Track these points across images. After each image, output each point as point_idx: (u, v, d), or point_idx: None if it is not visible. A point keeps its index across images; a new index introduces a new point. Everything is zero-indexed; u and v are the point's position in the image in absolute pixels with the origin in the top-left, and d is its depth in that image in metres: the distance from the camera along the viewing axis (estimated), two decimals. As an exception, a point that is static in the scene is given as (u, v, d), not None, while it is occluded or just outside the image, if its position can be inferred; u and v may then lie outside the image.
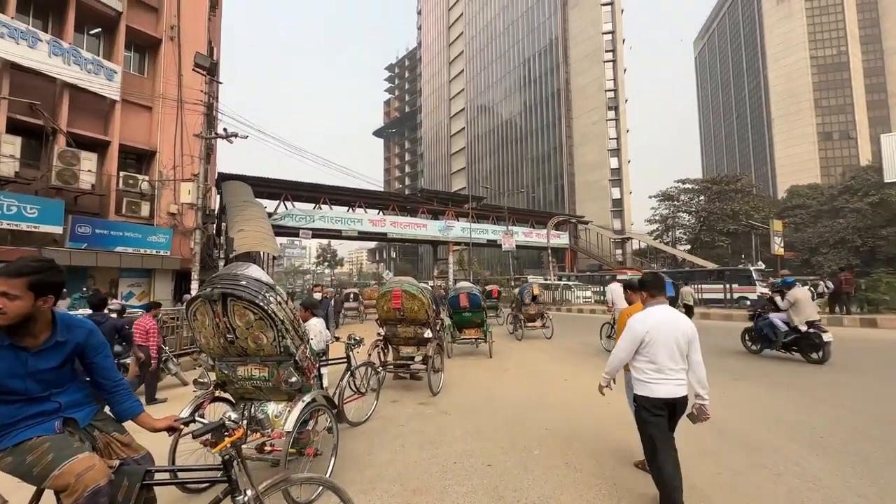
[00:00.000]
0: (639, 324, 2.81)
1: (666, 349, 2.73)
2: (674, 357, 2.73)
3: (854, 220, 32.04)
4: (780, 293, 8.59)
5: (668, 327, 2.75)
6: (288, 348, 3.07)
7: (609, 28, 48.57)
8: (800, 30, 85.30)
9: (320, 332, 4.53)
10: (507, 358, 9.13)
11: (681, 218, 42.20)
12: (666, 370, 2.73)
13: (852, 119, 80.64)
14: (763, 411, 5.00)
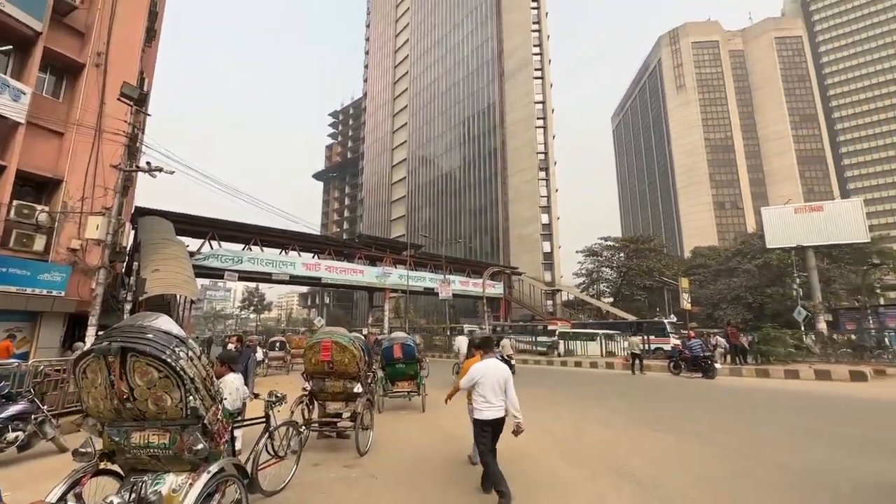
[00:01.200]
0: (475, 370, 4.28)
1: (490, 387, 4.16)
2: (496, 392, 4.15)
3: (745, 280, 36.47)
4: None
5: (492, 372, 4.22)
6: (196, 410, 2.74)
7: (540, 98, 53.63)
8: (695, 115, 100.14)
9: (237, 390, 4.14)
10: (442, 412, 8.90)
11: (604, 272, 45.43)
12: (491, 400, 4.14)
13: (739, 192, 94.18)
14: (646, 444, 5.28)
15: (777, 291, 33.12)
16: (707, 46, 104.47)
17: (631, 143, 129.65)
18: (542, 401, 9.99)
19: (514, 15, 58.02)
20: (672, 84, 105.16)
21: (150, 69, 19.21)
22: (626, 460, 5.35)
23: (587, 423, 7.67)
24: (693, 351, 14.74)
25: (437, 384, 12.84)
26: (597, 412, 8.72)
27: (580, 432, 7.02)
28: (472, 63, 64.13)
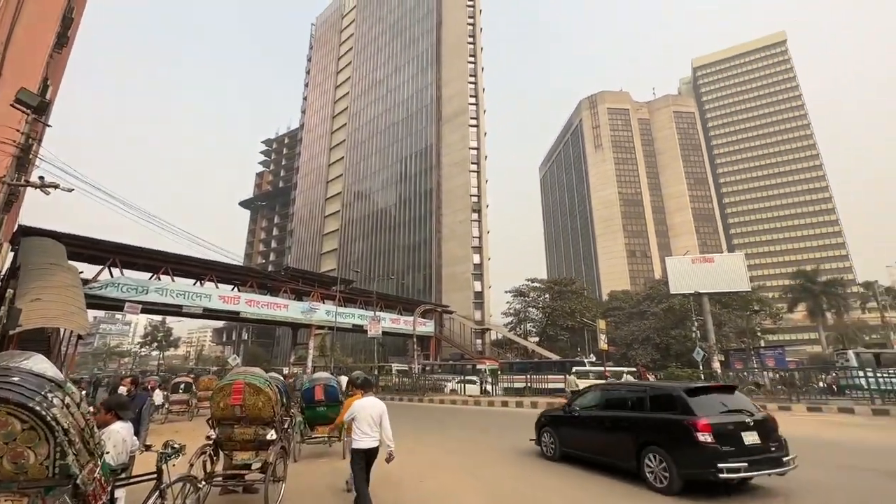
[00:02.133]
0: (355, 406, 5.09)
1: (366, 421, 4.92)
2: (371, 425, 4.92)
3: (654, 322, 39.90)
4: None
5: (369, 408, 5.02)
6: (67, 468, 2.34)
7: (474, 145, 56.61)
8: (610, 171, 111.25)
9: (123, 441, 3.61)
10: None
11: (531, 312, 47.24)
12: (366, 432, 4.90)
13: (648, 242, 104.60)
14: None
15: (680, 333, 36.51)
16: (619, 113, 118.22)
17: (556, 192, 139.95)
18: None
19: (453, 66, 61.72)
20: (591, 143, 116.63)
21: (58, 77, 17.48)
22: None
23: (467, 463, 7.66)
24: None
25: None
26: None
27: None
28: (412, 105, 66.45)
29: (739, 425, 5.64)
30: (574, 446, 7.46)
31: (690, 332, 32.72)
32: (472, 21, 62.32)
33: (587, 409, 7.44)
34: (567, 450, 7.57)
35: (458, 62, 61.10)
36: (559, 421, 7.92)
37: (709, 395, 6.18)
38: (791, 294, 52.13)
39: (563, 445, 7.66)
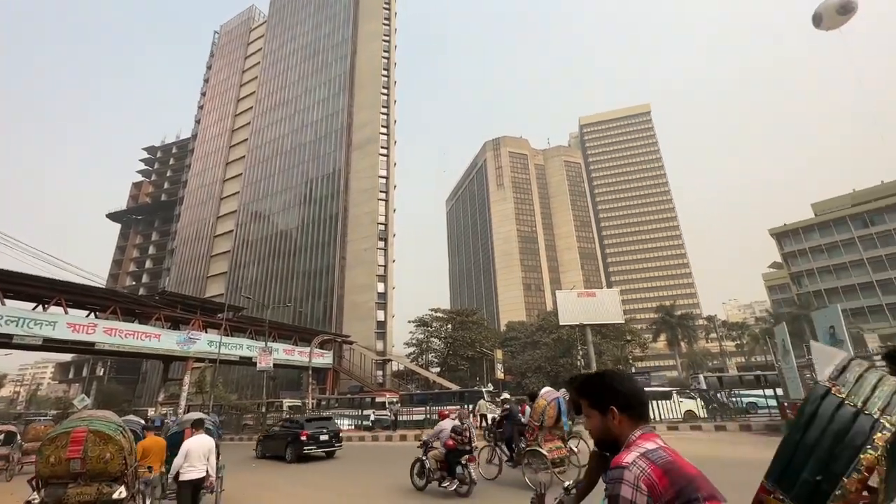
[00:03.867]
0: (187, 444, 5.81)
1: (197, 455, 5.72)
2: (199, 458, 5.73)
3: (545, 352, 42.79)
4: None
5: (199, 444, 5.83)
6: None
7: (384, 174, 56.93)
8: (510, 210, 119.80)
9: None
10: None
11: (433, 343, 47.54)
12: (195, 465, 5.66)
13: (541, 277, 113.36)
14: None
15: (567, 361, 39.58)
16: (519, 157, 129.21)
17: (461, 225, 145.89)
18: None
19: (366, 94, 62.22)
20: (494, 182, 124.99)
21: None
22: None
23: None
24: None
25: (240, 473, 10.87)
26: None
27: None
28: (322, 128, 65.00)
29: (319, 432, 14.00)
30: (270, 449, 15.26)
31: (576, 361, 35.70)
32: (387, 55, 63.99)
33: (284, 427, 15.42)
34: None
35: (371, 92, 61.82)
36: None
37: (312, 422, 14.66)
38: (655, 325, 60.11)
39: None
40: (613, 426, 1.46)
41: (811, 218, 62.75)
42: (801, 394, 14.54)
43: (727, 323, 64.19)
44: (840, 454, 1.63)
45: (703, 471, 1.31)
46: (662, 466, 1.26)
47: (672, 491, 1.21)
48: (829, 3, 13.45)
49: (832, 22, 13.56)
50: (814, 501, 1.64)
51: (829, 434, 1.68)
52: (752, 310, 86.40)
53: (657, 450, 1.32)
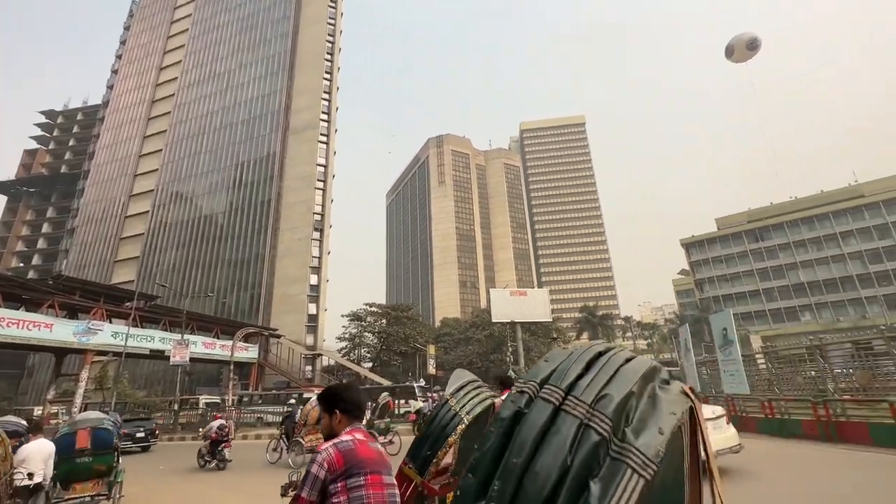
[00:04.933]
0: (27, 448, 5.63)
1: (35, 461, 5.48)
2: (38, 463, 5.50)
3: (477, 347, 43.99)
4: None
5: (38, 449, 5.62)
6: None
7: (322, 162, 54.85)
8: (450, 207, 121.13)
9: None
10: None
11: (366, 337, 46.87)
12: (34, 471, 5.42)
13: (477, 275, 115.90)
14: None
15: (497, 357, 41.02)
16: (461, 156, 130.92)
17: (401, 220, 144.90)
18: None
19: (308, 77, 59.45)
20: (436, 179, 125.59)
21: None
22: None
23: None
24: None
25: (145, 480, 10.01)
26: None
27: None
28: (257, 108, 61.13)
29: (136, 430, 16.90)
30: None
31: (506, 357, 37.07)
32: (332, 39, 61.63)
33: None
34: None
35: (313, 75, 59.20)
36: None
37: (129, 422, 16.78)
38: (579, 324, 64.11)
39: None
40: (335, 424, 1.97)
41: (714, 231, 70.39)
42: (697, 387, 16.35)
43: (641, 323, 70.14)
44: (441, 438, 2.84)
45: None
46: (343, 451, 1.79)
47: (343, 467, 1.75)
48: (740, 38, 15.16)
49: (741, 55, 15.31)
50: (424, 467, 2.82)
51: (439, 427, 2.87)
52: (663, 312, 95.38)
53: (347, 441, 1.84)
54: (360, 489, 1.74)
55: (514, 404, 1.23)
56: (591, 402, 1.11)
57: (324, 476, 1.74)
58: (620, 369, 1.20)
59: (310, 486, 1.73)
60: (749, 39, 15.18)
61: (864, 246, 57.32)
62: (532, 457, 1.08)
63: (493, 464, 1.15)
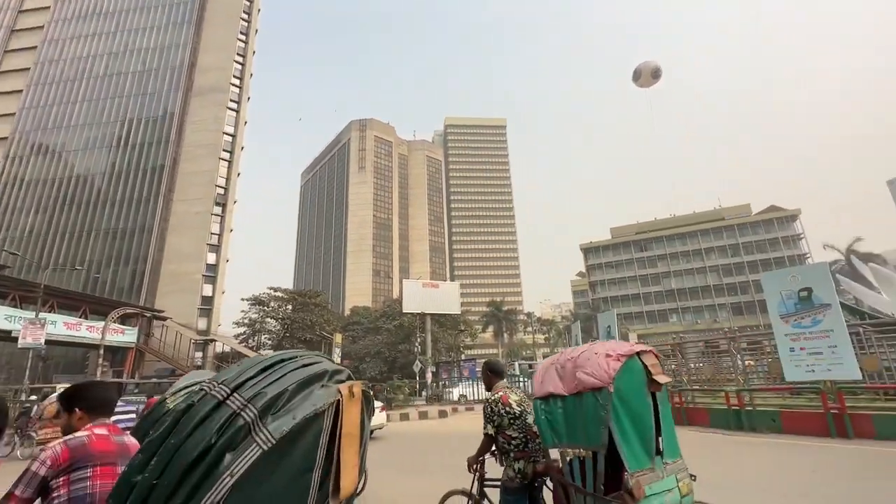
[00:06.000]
0: None
1: None
2: None
3: (386, 338, 43.90)
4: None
5: None
6: None
7: (231, 131, 50.06)
8: (369, 194, 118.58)
9: None
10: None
11: (268, 323, 44.18)
12: None
13: (391, 264, 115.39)
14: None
15: (405, 348, 41.39)
16: (384, 143, 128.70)
17: (315, 202, 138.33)
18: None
19: (219, 35, 53.60)
20: (356, 163, 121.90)
21: None
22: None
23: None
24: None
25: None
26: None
27: None
28: (153, 60, 53.68)
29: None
30: None
31: (414, 347, 37.56)
32: None
33: None
34: None
35: (225, 33, 53.53)
36: None
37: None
38: (485, 318, 67.17)
39: None
40: (75, 422, 1.99)
41: (608, 239, 78.29)
42: (583, 379, 18.23)
43: (541, 319, 75.66)
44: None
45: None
46: (72, 446, 1.82)
47: (68, 462, 1.77)
48: (647, 65, 16.92)
49: (646, 81, 17.12)
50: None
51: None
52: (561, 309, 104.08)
53: (81, 436, 1.87)
54: (85, 481, 1.78)
55: (189, 398, 1.55)
56: (247, 398, 1.45)
57: (45, 473, 1.74)
58: (288, 374, 1.56)
59: (24, 484, 1.71)
60: (654, 68, 16.85)
61: (720, 261, 68.08)
62: (186, 438, 1.38)
63: (160, 444, 1.42)
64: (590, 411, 2.38)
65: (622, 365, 2.39)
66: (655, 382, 2.44)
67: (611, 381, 2.33)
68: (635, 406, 2.38)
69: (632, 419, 2.34)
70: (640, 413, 2.38)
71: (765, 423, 9.86)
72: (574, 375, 2.51)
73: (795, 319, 9.53)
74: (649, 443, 2.36)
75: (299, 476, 1.44)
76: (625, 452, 2.24)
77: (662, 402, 2.56)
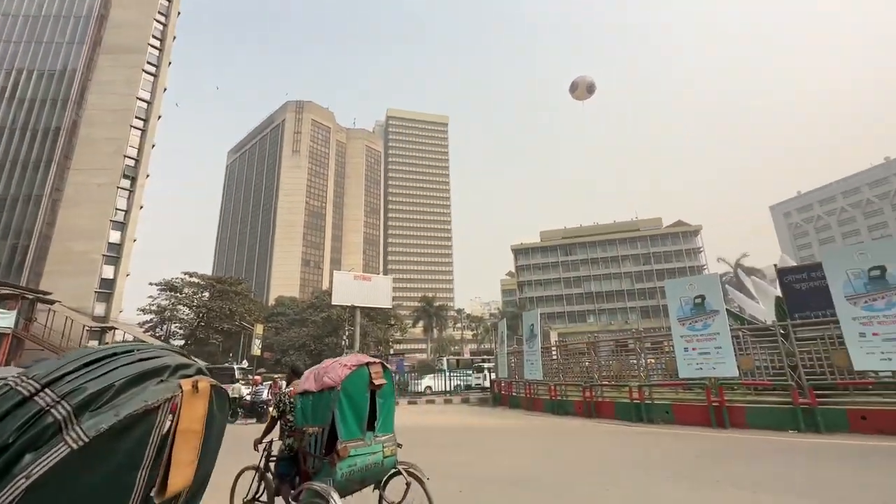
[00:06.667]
0: None
1: None
2: None
3: (312, 330, 42.40)
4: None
5: None
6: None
7: (147, 97, 45.09)
8: (303, 180, 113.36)
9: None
10: None
11: (181, 311, 40.67)
12: None
13: (322, 255, 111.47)
14: None
15: (332, 341, 40.29)
16: (322, 128, 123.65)
17: (242, 184, 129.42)
18: None
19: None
20: (290, 146, 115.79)
21: None
22: None
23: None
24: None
25: None
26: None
27: None
28: (53, 5, 46.73)
29: None
30: None
31: (342, 340, 36.67)
32: (178, -48, 50.95)
33: None
34: None
35: (146, -12, 48.02)
36: None
37: None
38: (416, 313, 67.39)
39: None
40: None
41: (538, 242, 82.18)
42: (506, 374, 18.99)
43: (471, 316, 77.51)
44: None
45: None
46: None
47: None
48: (584, 80, 17.90)
49: (581, 94, 18.10)
50: None
51: None
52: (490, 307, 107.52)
53: None
54: None
55: None
56: (62, 394, 1.37)
57: None
58: (119, 369, 1.50)
59: None
60: (589, 83, 17.74)
61: (633, 268, 74.41)
62: None
63: None
64: (326, 402, 3.37)
65: (351, 372, 3.44)
66: (373, 383, 3.54)
67: (340, 383, 3.34)
68: (357, 399, 3.43)
69: (352, 407, 3.38)
70: (360, 403, 3.45)
71: (660, 414, 10.99)
72: (322, 379, 3.50)
73: (690, 323, 10.73)
74: (362, 422, 3.43)
75: (122, 475, 1.39)
76: (340, 428, 3.26)
77: (386, 396, 3.72)
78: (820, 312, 9.68)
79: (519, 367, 17.45)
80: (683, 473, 5.99)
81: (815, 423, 8.54)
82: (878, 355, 8.04)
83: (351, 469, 3.25)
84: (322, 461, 3.28)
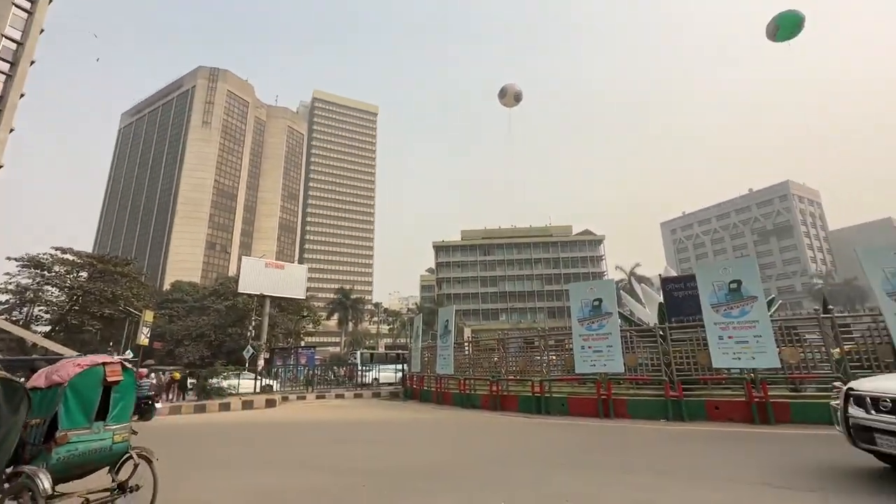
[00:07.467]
0: None
1: None
2: None
3: (214, 319, 38.91)
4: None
5: None
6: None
7: (16, 36, 37.92)
8: (213, 155, 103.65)
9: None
10: None
11: (48, 292, 34.95)
12: None
13: (231, 238, 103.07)
14: None
15: (236, 331, 37.37)
16: (239, 102, 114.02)
17: (138, 152, 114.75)
18: None
19: None
20: (199, 117, 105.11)
21: None
22: None
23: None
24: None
25: None
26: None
27: None
28: None
29: None
30: None
31: (247, 331, 34.20)
32: None
33: None
34: None
35: None
36: None
37: None
38: (331, 305, 65.27)
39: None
40: None
41: (458, 240, 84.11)
42: (419, 369, 19.20)
43: (388, 310, 76.99)
44: None
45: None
46: None
47: None
48: (512, 88, 18.61)
49: (509, 101, 18.82)
50: None
51: None
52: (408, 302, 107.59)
53: None
54: None
55: None
56: None
57: None
58: None
59: None
60: (517, 92, 18.48)
61: (544, 271, 79.47)
62: None
63: None
64: (52, 397, 3.63)
65: (83, 370, 3.75)
66: (107, 380, 3.87)
67: (68, 380, 3.63)
68: (86, 394, 3.74)
69: (79, 401, 3.69)
70: (90, 398, 3.75)
71: (556, 407, 11.92)
72: (51, 376, 3.75)
73: (588, 323, 11.77)
74: (91, 414, 3.74)
75: None
76: (61, 418, 3.55)
77: (123, 391, 4.05)
78: (692, 317, 11.21)
79: (432, 362, 17.75)
80: (572, 462, 6.56)
81: (681, 412, 9.88)
82: (731, 355, 9.68)
83: (70, 454, 3.55)
84: (39, 448, 3.52)
